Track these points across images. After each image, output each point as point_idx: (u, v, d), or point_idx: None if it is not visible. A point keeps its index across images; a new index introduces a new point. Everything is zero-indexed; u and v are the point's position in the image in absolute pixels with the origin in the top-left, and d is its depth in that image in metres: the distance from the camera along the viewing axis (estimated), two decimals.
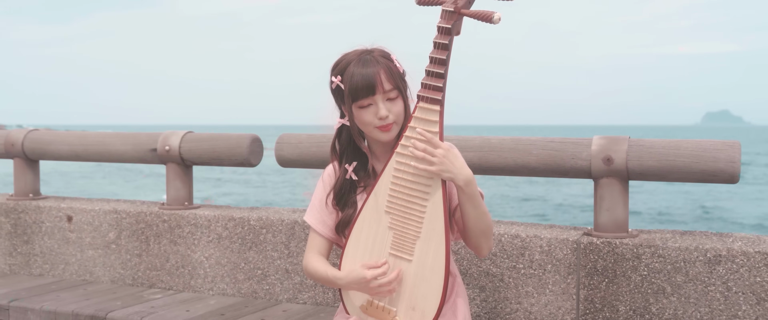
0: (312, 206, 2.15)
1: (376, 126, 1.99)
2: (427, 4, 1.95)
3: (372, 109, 1.98)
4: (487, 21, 1.86)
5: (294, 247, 3.04)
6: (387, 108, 1.98)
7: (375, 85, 1.96)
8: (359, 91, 1.97)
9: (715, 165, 2.46)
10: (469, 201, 1.96)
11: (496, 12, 1.85)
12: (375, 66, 1.97)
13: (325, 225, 2.12)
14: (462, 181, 1.91)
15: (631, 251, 2.51)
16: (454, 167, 1.90)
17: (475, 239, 2.03)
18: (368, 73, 1.96)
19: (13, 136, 3.71)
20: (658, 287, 2.48)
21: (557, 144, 2.68)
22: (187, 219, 3.26)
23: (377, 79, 1.96)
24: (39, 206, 3.58)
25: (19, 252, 3.63)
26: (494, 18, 1.85)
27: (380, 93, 1.97)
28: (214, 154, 3.31)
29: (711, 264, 2.41)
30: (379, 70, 1.97)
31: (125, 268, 3.39)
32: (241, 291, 3.15)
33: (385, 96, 1.98)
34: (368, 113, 1.98)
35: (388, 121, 1.98)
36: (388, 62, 2.01)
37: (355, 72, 1.97)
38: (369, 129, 2.01)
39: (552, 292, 2.62)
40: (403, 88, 2.02)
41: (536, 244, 2.64)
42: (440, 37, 1.90)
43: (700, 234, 2.59)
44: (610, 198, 2.61)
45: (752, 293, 2.38)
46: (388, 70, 1.99)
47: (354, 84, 1.97)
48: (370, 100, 1.97)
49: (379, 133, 2.00)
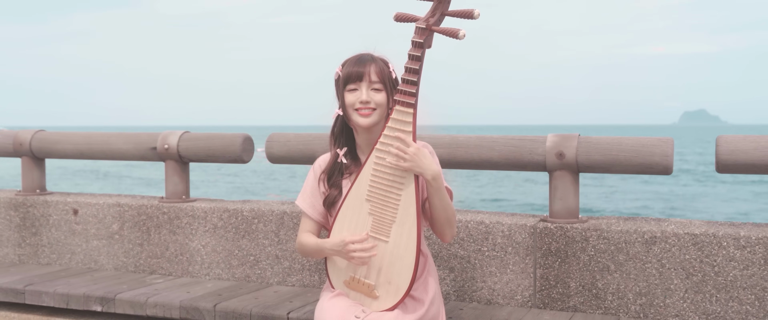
0: (303, 192, 2.49)
1: (355, 108, 2.34)
2: (403, 21, 2.30)
3: (357, 93, 2.34)
4: (453, 37, 2.21)
5: (283, 235, 3.37)
6: (369, 95, 2.33)
7: (363, 74, 2.33)
8: (350, 76, 2.34)
9: (652, 159, 2.83)
10: (435, 194, 2.31)
11: (461, 29, 2.20)
12: (370, 63, 2.35)
13: (315, 209, 2.46)
14: (430, 176, 2.26)
15: (581, 234, 2.88)
16: (423, 164, 2.25)
17: (440, 227, 2.38)
18: (361, 65, 2.34)
19: (22, 136, 4.01)
20: (604, 265, 2.85)
21: (516, 141, 3.04)
22: (185, 211, 3.58)
23: (367, 70, 2.33)
24: (46, 200, 3.88)
25: (27, 243, 3.93)
26: (459, 34, 2.20)
27: (366, 82, 2.33)
28: (209, 151, 3.63)
29: (648, 245, 2.78)
30: (372, 65, 2.34)
31: (128, 257, 3.71)
32: (235, 275, 3.48)
33: (370, 85, 2.33)
34: (353, 96, 2.35)
35: (369, 105, 2.33)
36: (383, 65, 2.36)
37: (352, 62, 2.36)
38: (351, 111, 2.36)
39: (512, 271, 2.98)
40: (389, 86, 2.37)
41: (498, 230, 2.99)
42: (414, 49, 2.25)
43: (639, 219, 2.96)
44: (563, 188, 2.98)
45: (682, 269, 2.75)
46: (380, 69, 2.35)
47: (347, 71, 2.35)
48: (356, 85, 2.34)
49: (358, 116, 2.34)
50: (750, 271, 2.67)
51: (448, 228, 2.39)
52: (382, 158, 2.30)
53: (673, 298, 2.76)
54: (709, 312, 2.72)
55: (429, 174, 2.26)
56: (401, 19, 2.30)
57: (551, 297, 2.92)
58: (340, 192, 2.42)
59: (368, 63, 2.35)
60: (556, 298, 2.92)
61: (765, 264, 2.65)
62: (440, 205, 2.33)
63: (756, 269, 2.66)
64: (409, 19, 2.28)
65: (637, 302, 2.81)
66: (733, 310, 2.70)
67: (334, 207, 2.42)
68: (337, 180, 2.44)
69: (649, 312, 2.79)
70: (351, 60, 2.38)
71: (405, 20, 2.28)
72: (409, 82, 2.24)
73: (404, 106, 2.25)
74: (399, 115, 2.26)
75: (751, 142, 2.72)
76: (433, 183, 2.28)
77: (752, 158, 2.70)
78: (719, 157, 2.76)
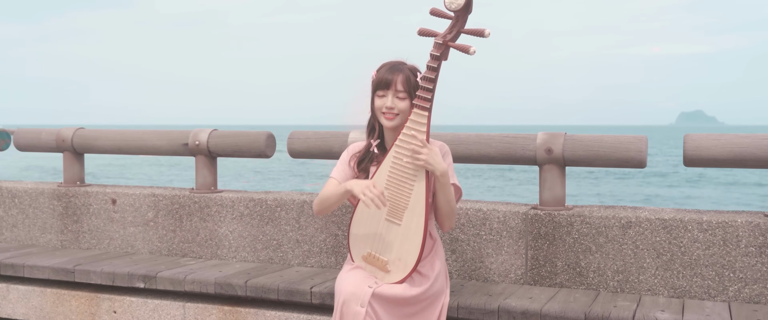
0: (337, 167, 2.91)
1: (382, 112, 2.76)
2: (425, 35, 2.71)
3: (384, 99, 2.76)
4: (465, 52, 2.63)
5: (303, 222, 3.79)
6: (393, 102, 2.75)
7: (391, 83, 2.76)
8: (380, 83, 2.78)
9: (628, 154, 3.25)
10: (441, 189, 2.74)
11: (473, 46, 2.62)
12: (398, 73, 2.77)
13: (345, 176, 2.87)
14: (439, 172, 2.69)
15: (566, 220, 3.30)
16: (434, 162, 2.67)
17: (442, 217, 2.81)
18: (391, 74, 2.76)
19: (64, 134, 4.42)
20: (586, 247, 3.27)
21: (511, 138, 3.46)
22: (214, 200, 4.00)
23: (394, 79, 2.75)
24: (87, 191, 4.30)
25: (69, 230, 4.35)
26: (470, 50, 2.62)
27: (393, 90, 2.76)
28: (236, 147, 4.05)
29: (624, 229, 3.21)
30: (399, 76, 2.76)
31: (162, 242, 4.12)
32: (260, 258, 3.90)
33: (396, 94, 2.75)
34: (380, 101, 2.77)
35: (392, 111, 2.75)
36: (410, 74, 2.78)
37: (383, 71, 2.79)
38: (378, 113, 2.79)
39: (507, 253, 3.40)
40: (413, 94, 2.78)
41: (495, 216, 3.42)
42: (431, 61, 2.67)
43: (617, 207, 3.39)
44: (551, 180, 3.40)
45: (653, 249, 3.17)
46: (407, 78, 2.77)
47: (379, 78, 2.79)
48: (384, 92, 2.77)
49: (384, 118, 2.77)
50: (711, 251, 3.09)
51: (447, 220, 2.82)
52: (400, 153, 2.72)
53: (646, 275, 3.19)
54: (677, 286, 3.15)
55: (438, 171, 2.68)
56: (424, 33, 2.71)
57: (541, 275, 3.35)
58: (367, 176, 2.84)
59: (397, 73, 2.77)
60: (545, 276, 3.34)
61: (724, 244, 3.07)
62: (444, 199, 2.75)
63: (716, 249, 3.08)
64: (430, 34, 2.70)
65: (614, 279, 3.23)
66: (696, 285, 3.12)
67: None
68: (366, 166, 2.86)
69: (625, 287, 3.22)
70: (385, 67, 2.80)
71: (427, 35, 2.70)
72: (425, 88, 2.67)
73: (421, 109, 2.67)
74: (416, 116, 2.68)
75: (713, 140, 3.15)
76: (441, 179, 2.70)
77: (713, 154, 3.12)
78: (686, 153, 3.18)
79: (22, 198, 4.44)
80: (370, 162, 2.88)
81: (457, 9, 2.63)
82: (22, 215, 4.45)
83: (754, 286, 3.04)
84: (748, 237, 3.04)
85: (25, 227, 4.45)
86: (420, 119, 2.68)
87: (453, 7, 2.63)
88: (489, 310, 2.98)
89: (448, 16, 2.66)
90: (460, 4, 2.61)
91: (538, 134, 3.43)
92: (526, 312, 2.93)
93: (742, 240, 3.04)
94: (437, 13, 2.67)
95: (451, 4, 2.62)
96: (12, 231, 4.48)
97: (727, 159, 3.11)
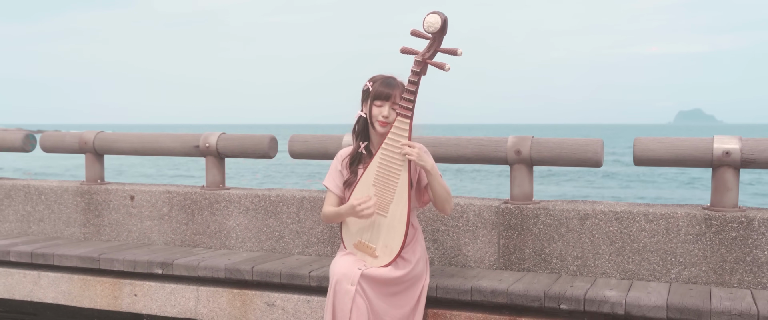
0: (329, 175, 3.39)
1: (378, 120, 3.23)
2: (407, 53, 3.18)
3: (381, 109, 3.22)
4: (441, 68, 3.11)
5: (303, 215, 4.26)
6: (390, 113, 3.22)
7: (390, 96, 3.22)
8: (379, 94, 3.24)
9: (585, 156, 3.73)
10: (434, 180, 3.21)
11: (447, 63, 3.09)
12: (396, 87, 3.24)
13: (337, 187, 3.36)
14: (429, 166, 3.16)
15: (533, 212, 3.77)
16: (424, 158, 3.14)
17: (441, 203, 3.27)
18: (390, 88, 3.23)
19: (86, 136, 4.90)
20: (550, 236, 3.75)
21: (485, 141, 3.93)
22: (223, 197, 4.47)
23: (393, 93, 3.22)
24: (107, 189, 4.77)
25: (91, 224, 4.82)
26: (445, 67, 3.10)
27: (390, 102, 3.21)
28: (242, 149, 4.52)
29: (582, 220, 3.68)
30: (397, 91, 3.23)
31: (176, 234, 4.60)
32: (264, 247, 4.37)
33: (393, 105, 3.22)
34: (378, 110, 3.23)
35: (388, 120, 3.22)
36: (402, 90, 3.23)
37: (382, 83, 3.25)
38: (373, 120, 3.25)
39: (481, 242, 3.88)
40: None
41: (471, 210, 3.89)
42: (412, 76, 3.14)
43: (577, 201, 3.87)
44: (520, 178, 3.87)
45: (607, 238, 3.65)
46: (401, 92, 3.22)
47: (378, 90, 3.24)
48: (382, 103, 3.23)
49: (379, 125, 3.24)
50: (656, 239, 3.57)
51: (447, 204, 3.27)
52: (386, 155, 3.19)
53: (601, 260, 3.66)
54: (627, 270, 3.62)
55: (428, 165, 3.16)
56: (406, 52, 3.19)
57: (511, 261, 3.82)
58: (356, 177, 3.31)
59: (395, 88, 3.24)
60: (515, 261, 3.81)
61: (667, 233, 3.55)
62: (438, 187, 3.22)
63: (660, 237, 3.56)
64: (411, 52, 3.17)
65: (574, 263, 3.71)
66: (644, 268, 3.60)
67: (351, 188, 3.32)
68: (355, 168, 3.33)
69: (584, 270, 3.69)
70: (380, 80, 3.26)
71: (408, 53, 3.18)
72: (407, 99, 3.14)
73: (403, 117, 3.15)
74: (399, 123, 3.15)
75: (658, 143, 3.62)
76: (432, 171, 3.17)
77: (657, 155, 3.60)
78: (635, 154, 3.65)
79: (49, 195, 4.91)
80: (358, 164, 3.35)
81: (434, 31, 3.10)
82: (48, 210, 4.92)
83: (692, 269, 3.52)
84: (687, 226, 3.51)
85: (50, 221, 4.92)
86: (403, 125, 3.15)
87: (430, 30, 3.10)
88: (463, 290, 3.45)
89: (426, 37, 3.13)
90: (436, 27, 3.08)
91: (508, 137, 3.90)
92: (494, 291, 3.40)
93: (682, 230, 3.52)
94: (417, 34, 3.15)
95: (429, 27, 3.10)
96: (39, 225, 4.95)
97: (669, 159, 3.58)
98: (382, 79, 3.28)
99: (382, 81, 3.26)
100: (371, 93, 3.26)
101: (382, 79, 3.28)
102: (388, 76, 3.30)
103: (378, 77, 3.30)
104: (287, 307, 3.82)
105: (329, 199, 3.40)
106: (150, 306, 4.14)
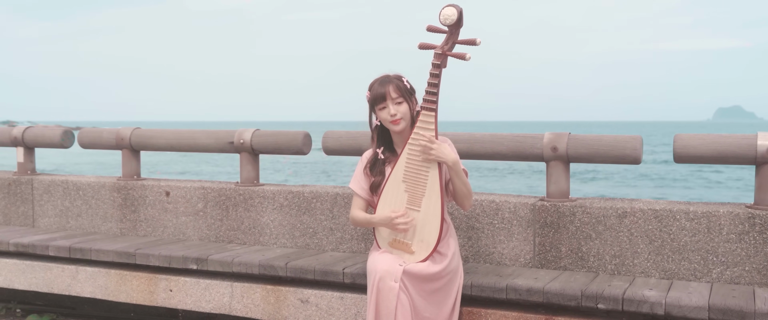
0: (354, 177, 3.37)
1: (389, 121, 3.20)
2: (425, 48, 3.15)
3: (386, 110, 3.20)
4: (462, 59, 3.07)
5: (336, 212, 4.25)
6: (395, 109, 3.19)
7: (386, 95, 3.19)
8: (377, 99, 3.21)
9: (624, 152, 3.65)
10: (455, 175, 3.17)
11: (468, 53, 3.06)
12: (388, 84, 3.21)
13: (363, 189, 3.34)
14: (450, 162, 3.13)
15: (569, 210, 3.71)
16: (445, 154, 3.11)
17: (461, 199, 3.24)
18: (382, 88, 3.19)
19: (123, 133, 4.95)
20: (587, 234, 3.68)
21: (521, 138, 3.88)
22: (257, 193, 4.48)
23: (387, 90, 3.19)
24: (143, 184, 4.82)
25: (128, 219, 4.87)
26: (466, 57, 3.07)
27: (389, 99, 3.19)
28: (276, 145, 4.53)
29: (620, 218, 3.61)
30: (390, 86, 3.20)
31: (210, 230, 4.62)
32: (297, 244, 4.37)
33: (393, 101, 3.19)
34: (383, 112, 3.21)
35: (396, 117, 3.19)
36: (399, 81, 3.22)
37: (375, 88, 3.23)
38: (386, 123, 3.23)
39: (517, 239, 3.83)
40: (407, 96, 3.23)
41: (506, 207, 3.84)
42: (433, 69, 3.11)
43: (615, 199, 3.79)
44: (556, 175, 3.81)
45: (646, 236, 3.57)
46: (397, 85, 3.21)
47: (374, 95, 3.22)
48: (383, 104, 3.20)
49: (392, 125, 3.21)
50: (697, 238, 3.48)
51: (467, 200, 3.24)
52: (413, 149, 3.16)
53: (640, 259, 3.59)
54: (667, 269, 3.54)
55: (450, 160, 3.12)
56: (424, 47, 3.16)
57: (547, 259, 3.76)
58: (384, 177, 3.29)
59: (386, 84, 3.21)
60: (551, 260, 3.75)
61: (708, 232, 3.46)
62: (460, 182, 3.18)
63: (701, 236, 3.47)
64: (429, 47, 3.14)
65: (612, 262, 3.64)
66: (684, 268, 3.51)
67: (379, 190, 3.29)
68: (381, 169, 3.30)
69: (622, 270, 3.62)
70: (375, 83, 3.24)
71: (427, 48, 3.15)
72: (430, 92, 3.11)
73: (428, 110, 3.12)
74: (424, 117, 3.12)
75: (699, 139, 3.53)
76: (454, 166, 3.14)
77: (699, 151, 3.51)
78: (675, 151, 3.57)
79: (86, 190, 4.98)
80: (383, 165, 3.32)
81: (450, 24, 3.08)
82: (86, 206, 4.98)
83: (734, 269, 3.43)
84: (730, 225, 3.42)
85: (88, 216, 4.98)
86: (427, 119, 3.12)
87: (447, 23, 3.08)
88: (498, 288, 3.41)
89: (442, 30, 3.11)
90: (453, 19, 3.07)
91: (544, 134, 3.84)
92: (530, 290, 3.35)
93: (724, 228, 3.43)
94: (433, 29, 3.13)
95: (446, 19, 3.08)
96: (77, 220, 5.02)
97: (711, 156, 3.49)
98: (376, 82, 3.26)
99: (376, 84, 3.24)
100: (370, 100, 3.25)
101: (377, 81, 3.26)
102: (380, 77, 3.28)
103: (372, 82, 3.28)
104: (321, 304, 3.81)
105: (356, 203, 3.38)
106: (185, 301, 4.17)
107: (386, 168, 3.32)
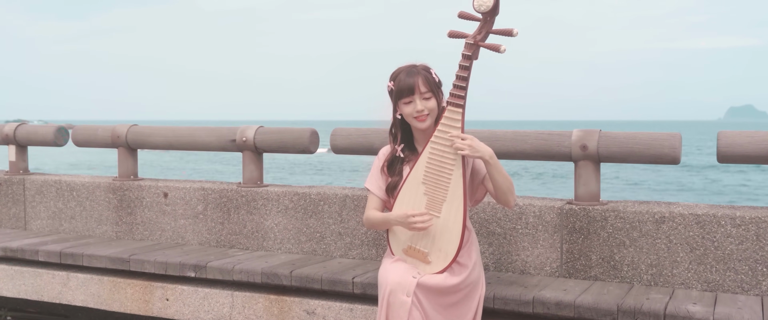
0: (370, 176, 3.05)
1: (414, 116, 2.88)
2: (455, 37, 2.83)
3: (412, 104, 2.87)
4: (496, 51, 2.75)
5: (345, 215, 3.94)
6: (422, 104, 2.87)
7: (414, 87, 2.86)
8: (403, 91, 2.88)
9: (662, 151, 3.32)
10: (494, 169, 2.83)
11: (503, 45, 2.73)
12: (416, 75, 2.88)
13: (380, 189, 3.02)
14: (487, 156, 2.79)
15: (601, 215, 3.38)
16: (479, 148, 2.77)
17: (504, 195, 2.88)
18: (410, 79, 2.87)
19: (118, 130, 4.65)
20: (620, 241, 3.35)
21: (546, 135, 3.55)
22: (260, 194, 4.17)
23: (416, 83, 2.86)
24: (140, 185, 4.52)
25: (124, 222, 4.57)
26: (501, 49, 2.74)
27: (418, 94, 2.87)
28: (281, 143, 4.22)
29: (658, 223, 3.28)
30: (418, 78, 2.87)
31: (211, 233, 4.32)
32: (304, 249, 4.06)
33: (421, 96, 2.87)
34: (409, 107, 2.89)
35: (423, 113, 2.87)
36: (427, 73, 2.90)
37: (401, 78, 2.89)
38: (410, 119, 2.91)
39: (542, 246, 3.50)
40: (436, 91, 2.90)
41: (531, 211, 3.52)
42: (463, 61, 2.78)
43: (651, 203, 3.46)
44: (586, 175, 3.48)
45: (687, 244, 3.24)
46: (426, 78, 2.88)
47: (400, 87, 2.88)
48: (410, 98, 2.87)
49: (416, 122, 2.89)
50: (744, 246, 3.15)
51: (510, 196, 2.88)
52: (436, 149, 2.84)
53: (679, 269, 3.26)
54: (710, 280, 3.21)
55: (486, 154, 2.79)
56: (454, 35, 2.83)
57: (575, 268, 3.44)
58: (401, 178, 2.96)
59: (415, 76, 2.87)
60: (580, 269, 3.43)
61: (757, 239, 3.13)
62: (500, 177, 2.84)
63: (749, 244, 3.14)
64: (460, 36, 2.81)
65: (648, 272, 3.31)
66: (730, 279, 3.18)
67: (395, 192, 2.97)
68: (399, 168, 2.98)
69: (659, 280, 3.29)
70: (401, 73, 2.90)
71: (457, 36, 2.82)
72: (458, 86, 2.79)
73: (454, 106, 2.79)
74: (450, 113, 2.80)
75: (746, 137, 3.20)
76: (491, 160, 2.80)
77: (746, 150, 3.18)
78: (719, 150, 3.24)
79: (80, 191, 4.68)
80: (401, 164, 3.00)
81: (485, 11, 2.74)
82: (80, 207, 4.69)
83: None
84: None
85: (82, 219, 4.69)
86: (454, 116, 2.79)
87: (482, 9, 2.74)
88: (524, 301, 3.09)
89: (476, 18, 2.78)
90: (488, 6, 2.73)
91: (573, 131, 3.51)
92: (560, 303, 3.03)
93: None
94: (465, 16, 2.79)
95: (480, 6, 2.74)
96: (70, 223, 4.73)
97: (759, 155, 3.16)
98: (402, 71, 2.91)
99: (402, 73, 2.90)
100: (395, 92, 2.90)
101: (403, 71, 2.91)
102: (406, 66, 2.93)
103: (397, 71, 2.93)
104: (328, 316, 3.50)
105: (372, 202, 3.06)
106: (182, 311, 3.87)
107: (404, 167, 3.00)
